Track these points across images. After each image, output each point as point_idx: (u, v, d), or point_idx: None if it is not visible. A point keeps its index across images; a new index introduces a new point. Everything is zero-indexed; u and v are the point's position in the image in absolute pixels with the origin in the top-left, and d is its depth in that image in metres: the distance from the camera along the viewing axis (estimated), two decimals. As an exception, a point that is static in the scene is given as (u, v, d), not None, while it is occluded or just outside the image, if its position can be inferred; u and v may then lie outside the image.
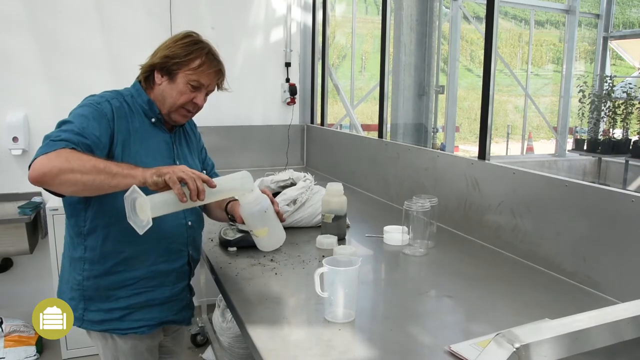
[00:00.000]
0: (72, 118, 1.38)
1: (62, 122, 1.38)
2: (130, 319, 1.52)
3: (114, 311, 1.50)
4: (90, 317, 1.50)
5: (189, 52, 1.49)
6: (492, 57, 1.99)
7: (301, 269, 1.69)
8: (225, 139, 3.54)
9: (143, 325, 1.54)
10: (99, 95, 1.49)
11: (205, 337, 3.10)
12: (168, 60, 1.49)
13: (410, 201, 1.84)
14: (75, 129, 1.33)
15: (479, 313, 1.42)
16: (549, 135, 8.97)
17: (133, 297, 1.51)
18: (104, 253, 1.47)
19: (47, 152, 1.25)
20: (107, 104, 1.44)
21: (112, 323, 1.51)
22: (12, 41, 3.02)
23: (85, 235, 1.47)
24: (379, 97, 2.90)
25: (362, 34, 12.65)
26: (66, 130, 1.33)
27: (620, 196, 1.48)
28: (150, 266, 1.52)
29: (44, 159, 1.25)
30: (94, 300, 1.50)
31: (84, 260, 1.48)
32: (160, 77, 1.52)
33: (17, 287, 3.15)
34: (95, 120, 1.39)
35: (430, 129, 3.67)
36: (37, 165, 1.25)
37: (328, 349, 1.17)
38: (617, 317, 0.66)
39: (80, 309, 1.50)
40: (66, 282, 1.54)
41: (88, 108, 1.41)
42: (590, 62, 8.96)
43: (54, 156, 1.25)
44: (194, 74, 1.49)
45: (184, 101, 1.52)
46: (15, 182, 3.10)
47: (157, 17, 3.29)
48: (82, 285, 1.49)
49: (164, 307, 1.57)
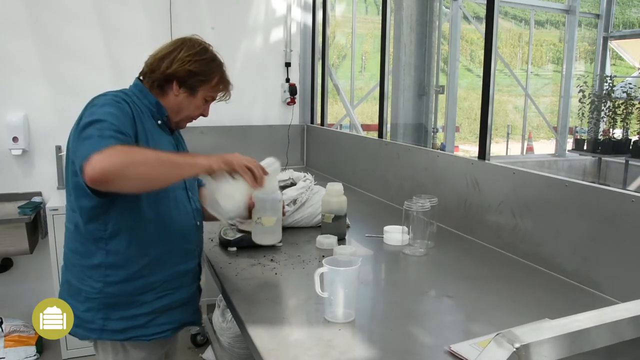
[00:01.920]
0: (103, 116, 1.28)
1: (93, 121, 1.27)
2: (154, 324, 1.47)
3: (138, 317, 1.44)
4: (112, 327, 1.42)
5: (212, 71, 1.53)
6: (492, 57, 1.99)
7: (301, 269, 1.69)
8: (225, 139, 3.54)
9: (167, 329, 1.50)
10: (112, 95, 1.42)
11: (205, 337, 3.10)
12: (192, 76, 1.50)
13: (410, 201, 1.84)
14: (114, 127, 1.26)
15: (479, 313, 1.42)
16: (549, 135, 8.97)
17: (157, 301, 1.47)
18: (129, 257, 1.41)
19: (99, 150, 1.17)
20: (126, 104, 1.39)
21: (136, 330, 1.45)
22: (12, 41, 3.02)
23: (107, 240, 1.40)
24: (379, 97, 2.90)
25: (362, 34, 12.64)
26: (106, 128, 1.25)
27: (620, 196, 1.48)
28: (172, 268, 1.50)
29: (101, 156, 1.16)
30: (116, 308, 1.43)
31: (105, 266, 1.41)
32: (178, 89, 1.51)
33: (17, 287, 3.15)
34: (125, 117, 1.34)
35: (430, 129, 3.67)
36: (97, 163, 1.16)
37: (328, 349, 1.17)
38: (617, 317, 0.66)
39: (100, 319, 1.42)
40: (76, 294, 1.44)
41: (114, 107, 1.34)
42: (590, 62, 8.96)
43: (112, 152, 1.18)
44: (212, 90, 1.55)
45: (199, 114, 1.58)
46: (15, 182, 3.10)
47: (157, 17, 3.29)
48: (103, 292, 1.41)
49: (184, 308, 1.55)
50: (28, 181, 3.14)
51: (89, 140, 1.22)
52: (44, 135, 3.12)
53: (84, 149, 1.20)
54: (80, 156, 1.21)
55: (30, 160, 3.14)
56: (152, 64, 1.52)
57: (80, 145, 1.24)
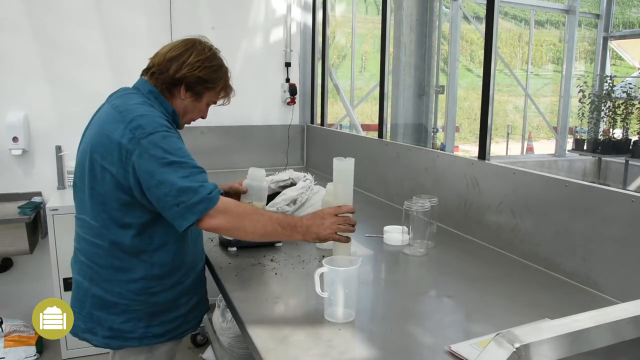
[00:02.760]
0: (183, 158, 1.37)
1: (169, 163, 1.35)
2: (187, 322, 1.60)
3: (177, 319, 1.56)
4: (155, 332, 1.51)
5: (219, 78, 1.58)
6: (492, 57, 1.99)
7: (301, 269, 1.69)
8: (225, 139, 3.54)
9: (196, 323, 1.65)
10: (156, 116, 1.43)
11: (205, 337, 3.09)
12: (200, 83, 1.54)
13: (410, 201, 1.84)
14: (198, 169, 1.39)
15: (479, 313, 1.42)
16: (549, 135, 8.98)
17: (190, 302, 1.60)
18: (172, 267, 1.51)
19: (210, 208, 1.34)
20: (172, 127, 1.47)
21: (174, 331, 1.57)
22: (12, 41, 3.02)
23: (152, 253, 1.46)
24: (379, 97, 2.90)
25: (362, 34, 12.65)
26: (193, 176, 1.36)
27: (620, 196, 1.48)
28: (198, 270, 1.64)
29: (216, 214, 1.35)
30: (158, 315, 1.51)
31: (150, 278, 1.47)
32: (185, 93, 1.55)
33: (17, 287, 3.15)
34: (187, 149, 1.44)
35: (430, 129, 3.67)
36: (210, 223, 1.36)
37: (328, 349, 1.17)
38: (617, 317, 0.66)
39: (142, 328, 1.49)
40: (111, 307, 1.47)
41: (176, 139, 1.42)
42: (590, 62, 8.96)
43: (225, 213, 1.37)
44: (216, 96, 1.62)
45: (199, 117, 1.66)
46: (15, 182, 3.10)
47: (157, 17, 3.29)
48: (147, 302, 1.48)
49: (204, 301, 1.71)
50: (28, 181, 3.13)
51: (182, 191, 1.32)
52: (44, 135, 3.12)
53: (185, 200, 1.32)
54: (184, 208, 1.32)
55: (30, 160, 3.14)
56: (161, 64, 1.53)
57: (169, 189, 1.32)
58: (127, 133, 1.36)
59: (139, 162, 1.34)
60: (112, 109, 1.46)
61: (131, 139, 1.35)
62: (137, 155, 1.34)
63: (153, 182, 1.33)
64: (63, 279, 2.81)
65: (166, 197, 1.33)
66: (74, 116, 3.14)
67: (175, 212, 1.34)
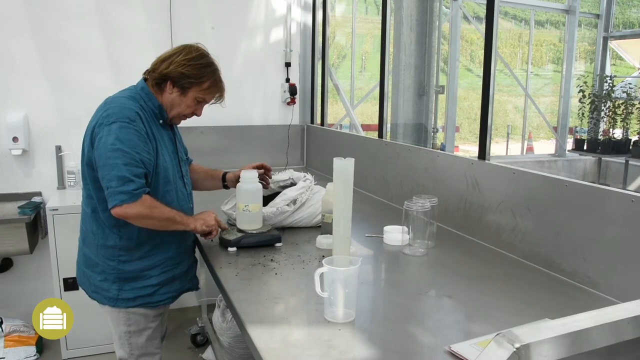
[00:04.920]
0: (125, 147, 1.56)
1: (116, 149, 1.55)
2: (159, 293, 1.78)
3: (146, 288, 1.75)
4: (125, 296, 1.73)
5: (203, 75, 1.71)
6: (492, 57, 1.99)
7: (301, 269, 1.70)
8: (225, 139, 3.54)
9: (169, 297, 1.82)
10: (127, 109, 1.63)
11: (205, 337, 3.10)
12: (184, 78, 1.70)
13: (410, 201, 1.84)
14: (135, 162, 1.58)
15: (479, 313, 1.42)
16: (549, 135, 8.98)
17: (162, 275, 1.77)
18: (140, 241, 1.71)
19: (129, 202, 1.54)
20: (139, 121, 1.63)
21: (145, 298, 1.75)
22: (12, 41, 3.02)
23: (120, 227, 1.67)
24: (379, 97, 2.90)
25: (362, 34, 12.65)
26: (132, 165, 1.57)
27: (620, 196, 1.48)
28: (173, 248, 1.79)
29: (130, 210, 1.56)
30: (128, 281, 1.72)
31: (119, 248, 1.70)
32: (172, 88, 1.72)
33: (17, 287, 3.15)
34: (142, 142, 1.62)
35: (430, 129, 3.67)
36: (124, 212, 1.56)
37: (328, 349, 1.17)
38: (617, 317, 0.66)
39: (115, 290, 1.72)
40: (93, 266, 1.74)
41: (131, 131, 1.59)
42: (590, 62, 8.96)
43: (139, 209, 1.57)
44: (203, 93, 1.74)
45: (189, 112, 1.78)
46: (15, 182, 3.10)
47: (157, 17, 3.29)
48: (117, 269, 1.71)
49: (183, 279, 1.86)
50: (28, 181, 3.14)
51: (116, 177, 1.54)
52: (44, 135, 3.12)
53: (113, 189, 1.54)
54: (112, 192, 1.54)
55: (30, 160, 3.14)
56: (155, 64, 1.74)
57: (108, 172, 1.55)
58: (99, 119, 1.61)
59: (98, 144, 1.58)
60: (104, 101, 1.71)
61: (100, 124, 1.60)
62: (98, 138, 1.59)
63: (100, 162, 1.58)
64: (63, 279, 2.82)
65: (103, 178, 1.58)
66: (74, 116, 3.15)
67: (106, 193, 1.58)
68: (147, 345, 1.83)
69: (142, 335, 1.81)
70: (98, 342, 2.93)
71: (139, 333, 1.80)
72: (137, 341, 1.80)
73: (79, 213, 1.82)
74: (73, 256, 1.89)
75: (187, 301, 3.57)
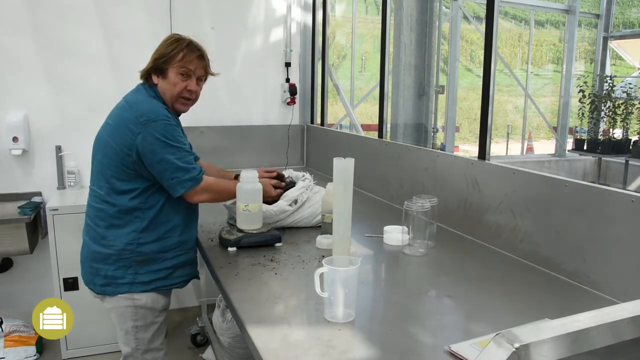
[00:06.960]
0: (174, 142, 1.72)
1: (168, 146, 1.70)
2: (173, 277, 1.85)
3: (161, 271, 1.81)
4: (141, 279, 1.78)
5: (173, 49, 1.78)
6: (492, 57, 1.99)
7: (301, 269, 1.70)
8: (225, 139, 3.54)
9: (181, 281, 1.89)
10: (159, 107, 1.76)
11: (205, 337, 3.10)
12: (157, 61, 1.78)
13: (410, 201, 1.84)
14: (186, 152, 1.76)
15: (479, 313, 1.42)
16: (549, 135, 8.98)
17: (176, 258, 1.84)
18: (159, 222, 1.79)
19: (196, 186, 1.75)
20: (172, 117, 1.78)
21: (159, 282, 1.82)
22: (12, 41, 3.02)
23: (145, 210, 1.77)
24: (379, 97, 2.90)
25: (362, 34, 12.66)
26: (185, 157, 1.74)
27: (620, 196, 1.48)
28: (188, 233, 1.88)
29: (197, 191, 1.76)
30: (145, 264, 1.78)
31: (140, 231, 1.77)
32: (157, 78, 1.81)
33: (17, 287, 3.15)
34: (181, 134, 1.79)
35: (430, 129, 3.67)
36: (194, 195, 1.77)
37: (328, 349, 1.17)
38: (617, 317, 0.66)
39: (130, 275, 1.77)
40: (105, 259, 1.77)
41: (174, 127, 1.75)
42: (590, 62, 8.96)
43: (204, 187, 1.78)
44: (180, 64, 1.78)
45: (179, 90, 1.81)
46: (15, 182, 3.10)
47: (157, 17, 3.29)
48: (136, 252, 1.77)
49: (191, 266, 1.94)
50: (28, 181, 3.14)
51: (178, 169, 1.71)
52: (44, 135, 3.12)
53: (180, 176, 1.72)
54: (177, 182, 1.72)
55: (30, 160, 3.14)
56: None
57: (169, 165, 1.70)
58: (133, 119, 1.69)
59: (143, 143, 1.68)
60: (125, 102, 1.80)
61: (137, 123, 1.68)
62: (141, 137, 1.67)
63: (155, 159, 1.69)
64: (63, 279, 2.82)
65: (165, 172, 1.70)
66: (74, 116, 3.16)
67: (170, 184, 1.72)
68: (153, 341, 1.86)
69: (148, 330, 1.84)
70: (98, 342, 2.93)
71: (146, 328, 1.83)
72: (144, 336, 1.83)
73: (79, 213, 1.82)
74: (73, 256, 1.89)
75: (187, 301, 3.57)
